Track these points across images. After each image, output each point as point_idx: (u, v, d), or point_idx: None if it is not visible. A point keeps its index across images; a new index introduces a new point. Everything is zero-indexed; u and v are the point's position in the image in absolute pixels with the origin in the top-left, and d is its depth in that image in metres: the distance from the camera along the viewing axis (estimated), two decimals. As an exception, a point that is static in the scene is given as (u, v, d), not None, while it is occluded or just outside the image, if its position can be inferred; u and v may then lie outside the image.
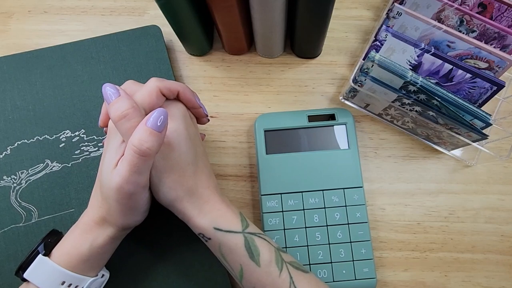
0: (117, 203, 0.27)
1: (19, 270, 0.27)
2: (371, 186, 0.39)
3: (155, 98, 0.28)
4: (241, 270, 0.28)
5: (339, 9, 0.45)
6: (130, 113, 0.25)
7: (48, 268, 0.27)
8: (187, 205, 0.28)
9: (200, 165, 0.30)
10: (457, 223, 0.38)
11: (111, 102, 0.26)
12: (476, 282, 0.36)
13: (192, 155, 0.29)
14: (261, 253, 0.28)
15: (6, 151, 0.38)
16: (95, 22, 0.45)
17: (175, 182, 0.28)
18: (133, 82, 0.30)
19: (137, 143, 0.24)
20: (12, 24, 0.45)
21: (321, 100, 0.42)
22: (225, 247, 0.28)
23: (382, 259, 0.37)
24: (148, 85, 0.28)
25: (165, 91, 0.29)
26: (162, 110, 0.25)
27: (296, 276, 0.28)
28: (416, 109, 0.35)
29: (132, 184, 0.26)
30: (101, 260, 0.30)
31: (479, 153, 0.39)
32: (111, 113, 0.26)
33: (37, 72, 0.40)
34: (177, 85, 0.30)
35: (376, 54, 0.33)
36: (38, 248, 0.28)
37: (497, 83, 0.32)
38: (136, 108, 0.26)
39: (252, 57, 0.43)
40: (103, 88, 0.26)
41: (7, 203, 0.36)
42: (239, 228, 0.29)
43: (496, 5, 0.35)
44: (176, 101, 0.30)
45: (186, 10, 0.34)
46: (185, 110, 0.30)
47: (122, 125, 0.26)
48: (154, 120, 0.25)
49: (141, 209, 0.29)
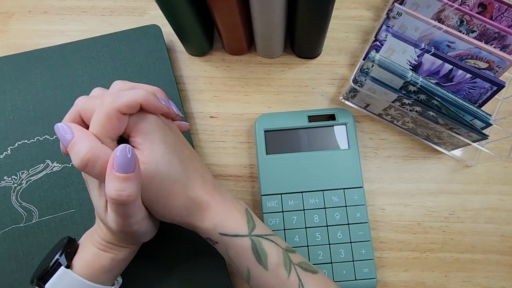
0: (125, 236, 0.27)
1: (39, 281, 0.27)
2: (371, 186, 0.39)
3: (117, 122, 0.24)
4: (248, 273, 0.28)
5: (339, 9, 0.45)
6: (91, 158, 0.23)
7: (71, 281, 0.27)
8: (188, 219, 0.28)
9: (190, 174, 0.27)
10: (457, 223, 0.38)
11: (68, 146, 0.23)
12: (476, 282, 0.36)
13: (176, 171, 0.26)
14: (268, 256, 0.27)
15: (6, 151, 0.38)
16: (95, 22, 0.45)
17: (166, 207, 0.26)
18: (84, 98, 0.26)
19: (115, 196, 0.22)
20: (12, 24, 0.45)
21: (321, 100, 0.42)
22: (232, 250, 0.28)
23: (382, 259, 0.37)
24: (104, 109, 0.23)
25: (124, 110, 0.24)
26: (124, 147, 0.22)
27: (304, 278, 0.27)
28: (416, 109, 0.35)
29: (129, 227, 0.25)
30: (121, 270, 0.30)
31: (479, 153, 0.39)
32: (73, 161, 0.23)
33: (37, 72, 0.40)
34: (137, 96, 0.24)
35: (376, 54, 0.33)
36: (60, 260, 0.27)
37: (497, 83, 0.32)
38: (97, 148, 0.23)
39: (252, 57, 0.43)
40: (55, 128, 0.24)
41: (7, 203, 0.36)
42: (246, 231, 0.28)
43: (496, 5, 0.35)
44: (144, 114, 0.26)
45: (186, 10, 0.34)
46: (155, 120, 0.26)
47: (89, 172, 0.23)
48: (121, 162, 0.22)
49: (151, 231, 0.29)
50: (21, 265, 0.35)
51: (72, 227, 0.36)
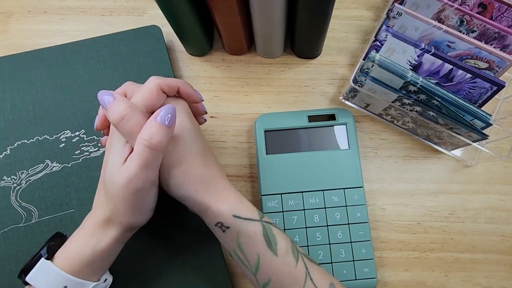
0: (123, 200, 0.26)
1: (22, 273, 0.27)
2: (371, 186, 0.39)
3: (156, 96, 0.28)
4: (258, 260, 0.28)
5: (339, 9, 0.45)
6: (128, 112, 0.26)
7: (50, 272, 0.27)
8: (202, 195, 0.28)
9: (209, 156, 0.30)
10: (457, 223, 0.38)
11: (107, 106, 0.26)
12: (476, 282, 0.36)
13: (199, 146, 0.29)
14: (278, 242, 0.28)
15: (6, 151, 0.38)
16: (95, 22, 0.45)
17: (185, 174, 0.28)
18: (132, 83, 0.30)
19: (148, 137, 0.25)
20: (12, 24, 0.45)
21: (321, 100, 0.42)
22: (243, 236, 0.28)
23: (383, 259, 0.37)
24: (148, 83, 0.28)
25: (165, 88, 0.29)
26: (171, 107, 0.26)
27: (310, 267, 0.28)
28: (416, 109, 0.35)
29: (141, 179, 0.26)
30: (104, 264, 0.30)
31: (479, 153, 0.39)
32: (110, 117, 0.26)
33: (37, 72, 0.40)
34: (177, 82, 0.30)
35: (376, 54, 0.33)
36: (41, 251, 0.27)
37: (497, 83, 0.32)
38: (132, 107, 0.26)
39: (252, 57, 0.43)
40: (98, 95, 0.27)
41: (7, 203, 0.36)
42: (257, 217, 0.29)
43: (496, 5, 0.35)
44: (178, 98, 0.30)
45: (186, 10, 0.34)
46: (187, 106, 0.31)
47: (122, 126, 0.26)
48: (163, 116, 0.25)
49: (148, 207, 0.29)
50: (20, 265, 0.34)
51: (71, 227, 0.35)
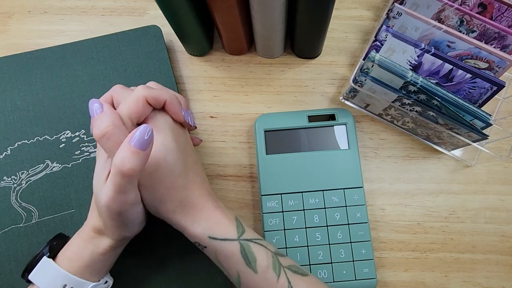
0: (109, 219, 0.27)
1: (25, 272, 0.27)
2: (371, 186, 0.39)
3: (142, 108, 0.27)
4: (239, 277, 0.28)
5: (339, 9, 0.45)
6: (110, 131, 0.25)
7: (51, 270, 0.27)
8: (180, 217, 0.28)
9: (191, 175, 0.29)
10: (457, 223, 0.38)
11: (94, 118, 0.26)
12: (476, 282, 0.36)
13: (180, 167, 0.28)
14: (257, 259, 0.28)
15: (6, 152, 0.38)
16: (95, 22, 0.45)
17: (165, 196, 0.28)
18: (121, 87, 0.30)
19: (119, 164, 0.23)
20: (12, 24, 0.45)
21: (321, 100, 0.42)
22: (221, 255, 0.28)
23: (382, 259, 0.37)
24: (135, 93, 0.27)
25: (151, 101, 0.28)
26: (146, 127, 0.24)
27: (294, 280, 0.28)
28: (416, 109, 0.35)
29: (118, 203, 0.25)
30: (104, 266, 0.30)
31: (479, 153, 0.39)
32: (93, 131, 0.26)
33: (37, 72, 0.40)
34: (164, 95, 0.28)
35: (376, 54, 0.33)
36: (44, 250, 0.28)
37: (497, 83, 0.32)
38: (117, 125, 0.25)
39: (252, 57, 0.43)
40: (89, 103, 0.26)
41: (7, 203, 0.36)
42: (234, 236, 0.28)
43: (496, 5, 0.35)
44: (163, 112, 0.30)
45: (186, 10, 0.34)
46: (172, 121, 0.30)
47: (103, 144, 0.25)
48: (139, 138, 0.24)
49: (135, 221, 0.29)
50: (20, 265, 0.35)
51: (71, 227, 0.36)
